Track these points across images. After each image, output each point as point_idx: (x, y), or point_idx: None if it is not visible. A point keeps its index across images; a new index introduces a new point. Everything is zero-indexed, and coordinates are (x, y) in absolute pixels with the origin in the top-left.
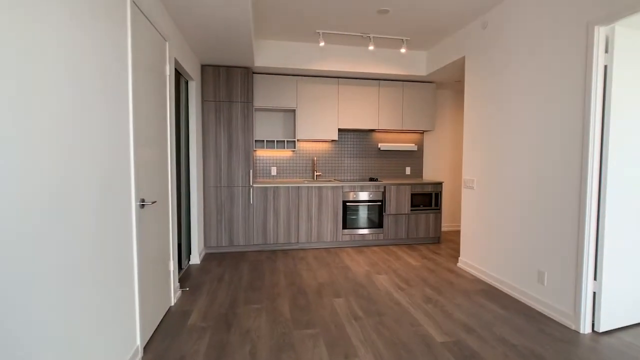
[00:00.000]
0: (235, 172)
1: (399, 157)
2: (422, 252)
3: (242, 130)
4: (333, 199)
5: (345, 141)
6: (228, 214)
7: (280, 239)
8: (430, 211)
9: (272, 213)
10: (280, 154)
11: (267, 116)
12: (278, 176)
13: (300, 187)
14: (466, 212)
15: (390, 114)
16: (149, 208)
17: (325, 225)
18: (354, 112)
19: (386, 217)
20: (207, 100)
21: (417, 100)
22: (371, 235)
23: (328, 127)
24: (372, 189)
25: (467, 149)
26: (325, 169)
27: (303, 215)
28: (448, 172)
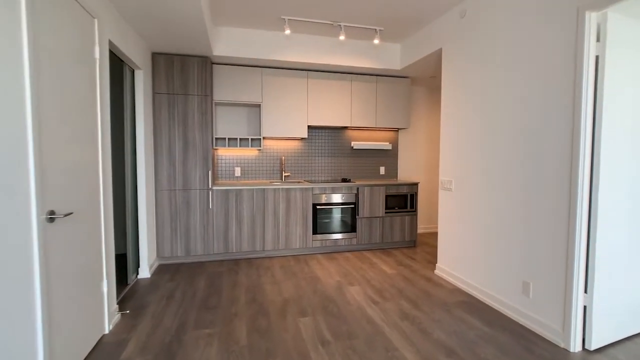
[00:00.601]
0: (192, 174)
1: (372, 157)
2: (398, 258)
3: (200, 126)
4: (302, 201)
5: (315, 139)
6: (184, 220)
7: (243, 247)
8: (406, 213)
9: (234, 218)
10: (244, 153)
11: (229, 111)
12: (243, 177)
13: (266, 190)
14: (443, 216)
15: (363, 111)
16: (65, 222)
17: (294, 230)
18: (324, 108)
19: (359, 220)
20: (159, 92)
21: (391, 96)
22: (344, 241)
23: (297, 123)
24: (344, 190)
25: (445, 148)
26: (295, 169)
27: (269, 220)
28: (423, 172)
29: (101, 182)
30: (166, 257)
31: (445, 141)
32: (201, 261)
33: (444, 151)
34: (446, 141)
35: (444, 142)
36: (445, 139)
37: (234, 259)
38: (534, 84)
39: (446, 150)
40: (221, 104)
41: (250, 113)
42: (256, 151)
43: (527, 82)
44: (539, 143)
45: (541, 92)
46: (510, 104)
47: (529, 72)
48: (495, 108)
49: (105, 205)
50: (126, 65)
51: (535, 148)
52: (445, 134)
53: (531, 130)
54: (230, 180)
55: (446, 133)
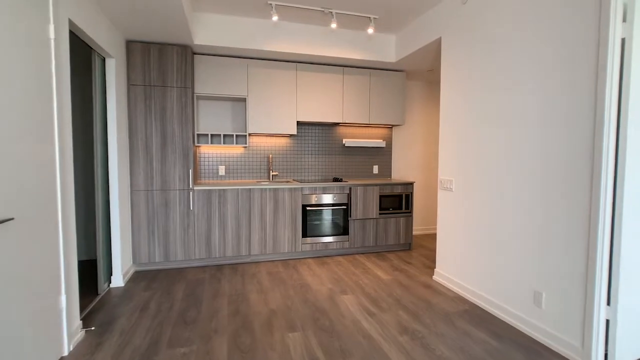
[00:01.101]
0: (170, 173)
1: (365, 155)
2: (393, 262)
3: (180, 121)
4: (291, 202)
5: (305, 136)
6: (162, 223)
7: (227, 252)
8: (401, 215)
9: (217, 221)
10: (229, 150)
11: (212, 106)
12: (227, 176)
13: (252, 190)
14: (443, 218)
15: (356, 106)
16: (3, 228)
17: (282, 233)
18: (315, 103)
19: (352, 222)
20: (135, 84)
21: (385, 91)
22: (335, 244)
23: (285, 119)
24: (336, 190)
25: (444, 144)
26: (283, 168)
27: (256, 222)
28: (419, 170)
29: (59, 183)
30: (143, 263)
31: (446, 137)
32: (181, 267)
33: (444, 148)
34: (446, 137)
35: (444, 138)
36: (445, 135)
37: (218, 264)
38: (550, 72)
39: (446, 147)
40: (203, 97)
41: (235, 108)
42: (242, 149)
43: (541, 70)
44: (555, 138)
45: (558, 81)
46: (521, 96)
47: (544, 59)
48: (504, 100)
49: (64, 208)
50: (95, 52)
51: (551, 143)
52: (445, 130)
53: (546, 123)
54: (213, 180)
55: (446, 129)
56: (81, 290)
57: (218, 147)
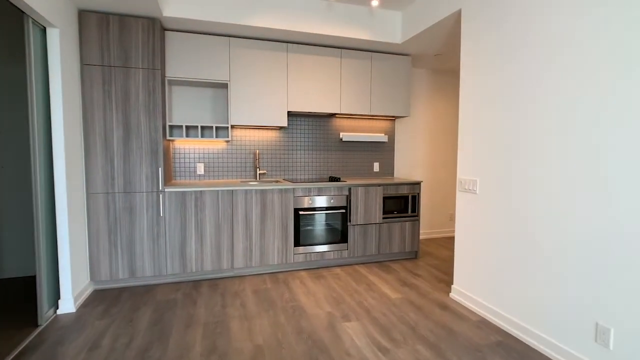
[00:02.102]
0: (136, 172)
1: (365, 150)
2: (400, 275)
3: (147, 109)
4: (282, 206)
5: (297, 129)
6: (127, 232)
7: (206, 266)
8: (407, 219)
9: (194, 229)
10: (209, 145)
11: (188, 93)
12: (207, 175)
13: (235, 191)
14: (463, 225)
15: (355, 95)
16: None
17: (270, 242)
18: (308, 91)
19: (352, 228)
20: (90, 63)
21: (389, 78)
22: (333, 253)
23: (274, 109)
24: (333, 191)
25: (465, 139)
26: (272, 166)
27: (239, 230)
28: (424, 168)
29: None
30: (103, 281)
31: (467, 131)
32: (151, 284)
33: (465, 143)
34: (467, 131)
35: (465, 132)
36: (467, 128)
37: (194, 280)
38: (613, 43)
39: (467, 142)
40: (177, 82)
41: (216, 95)
42: (223, 143)
43: (603, 41)
44: (623, 126)
45: (628, 51)
46: (578, 72)
47: (612, 28)
48: (550, 82)
49: None
50: (29, 18)
51: (618, 133)
52: (466, 122)
53: (610, 107)
54: (190, 180)
55: (467, 120)
56: (13, 320)
57: (195, 141)
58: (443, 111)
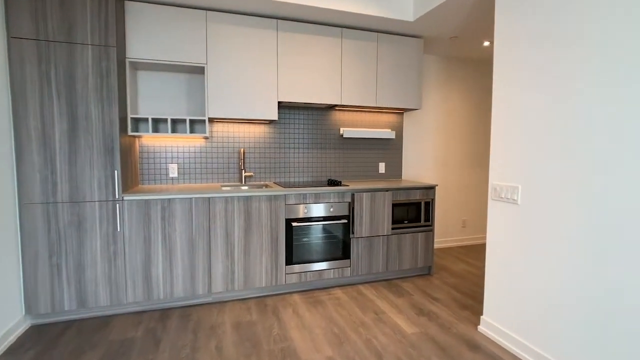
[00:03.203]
0: (85, 176)
1: (370, 149)
2: (414, 299)
3: (99, 97)
4: (270, 216)
5: (290, 123)
6: (74, 252)
7: (177, 291)
8: (419, 229)
9: (161, 246)
10: (184, 142)
11: (158, 79)
12: (181, 179)
13: (213, 199)
14: (497, 242)
15: (358, 83)
16: None
17: (257, 260)
18: (302, 77)
19: (355, 241)
20: (19, 36)
21: (398, 63)
22: (332, 272)
23: (261, 99)
24: (333, 198)
25: (501, 134)
26: (260, 167)
27: (219, 246)
28: (435, 169)
29: None
30: (43, 315)
31: (503, 126)
32: (107, 315)
33: (501, 141)
34: (504, 126)
35: (500, 127)
36: (503, 122)
37: (162, 308)
38: None
39: (504, 140)
40: (143, 65)
41: (191, 83)
42: (202, 140)
43: None
44: None
45: None
46: None
47: None
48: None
49: None
50: None
51: None
52: (502, 115)
53: None
54: (161, 185)
55: (503, 113)
56: None
57: (167, 137)
58: (457, 104)
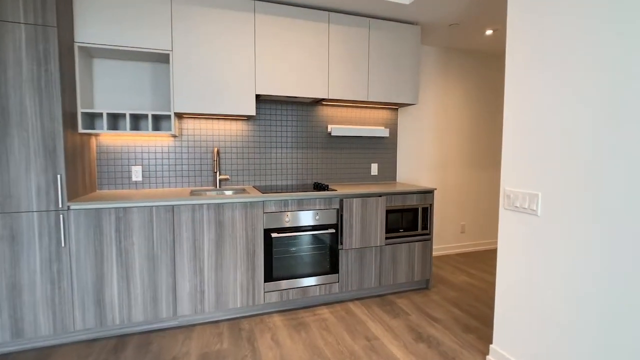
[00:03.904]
0: (20, 181)
1: (361, 148)
2: (411, 320)
3: (36, 88)
4: (246, 226)
5: (270, 119)
6: (6, 272)
7: (135, 315)
8: (416, 238)
9: (115, 263)
10: (149, 141)
11: (118, 68)
12: (146, 183)
13: (177, 207)
14: (511, 259)
15: (348, 74)
16: None
17: (230, 277)
18: (284, 68)
19: (344, 254)
20: None
21: (392, 53)
22: (318, 288)
23: (237, 92)
24: (319, 204)
25: (514, 132)
26: (237, 169)
27: (185, 261)
28: (431, 169)
29: None
30: None
31: (516, 121)
32: (50, 346)
33: (513, 140)
34: (517, 121)
35: (512, 123)
36: (515, 117)
37: (118, 335)
38: None
39: (520, 138)
40: (96, 50)
41: (156, 73)
42: (169, 139)
43: None
44: None
45: None
46: None
47: None
48: None
49: None
50: None
51: None
52: (516, 110)
53: None
54: (122, 190)
55: (519, 107)
56: None
57: (128, 136)
58: (456, 100)
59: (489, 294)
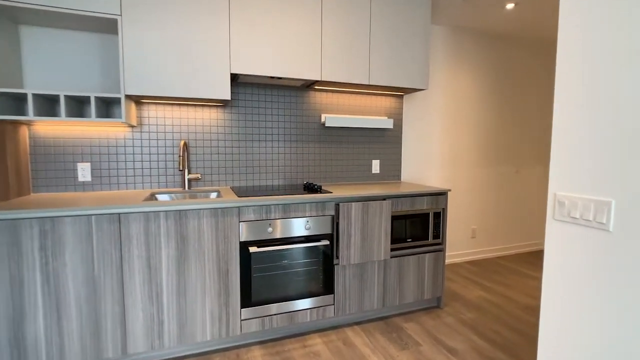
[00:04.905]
0: None
1: (360, 142)
2: (422, 353)
3: None
4: (217, 238)
5: (251, 107)
6: None
7: (70, 355)
8: (426, 249)
9: (40, 290)
10: (100, 131)
11: (54, 39)
12: (96, 184)
13: (126, 216)
14: (564, 288)
15: (345, 53)
16: None
17: (197, 303)
18: (267, 42)
19: (341, 270)
20: None
21: (398, 28)
22: (309, 313)
23: (207, 70)
24: (310, 210)
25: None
26: (211, 167)
27: (137, 285)
28: (439, 166)
29: None
30: None
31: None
32: None
33: (569, 129)
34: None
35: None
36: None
37: None
38: None
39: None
40: (19, 11)
41: (105, 45)
42: (125, 129)
43: None
44: None
45: None
46: None
47: None
48: None
49: None
50: None
51: None
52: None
53: None
54: (64, 194)
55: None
56: None
57: (73, 125)
58: (469, 87)
59: (512, 313)
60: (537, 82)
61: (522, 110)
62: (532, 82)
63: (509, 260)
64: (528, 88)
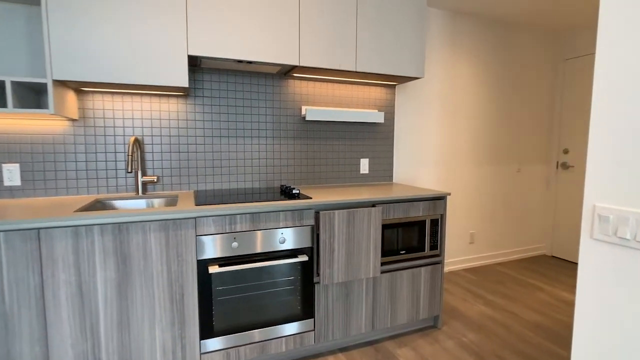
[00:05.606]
0: None
1: (346, 138)
2: None
3: None
4: (168, 256)
5: (217, 95)
6: None
7: None
8: (422, 262)
9: None
10: (33, 125)
11: None
12: (28, 189)
13: (48, 232)
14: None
15: (328, 34)
16: None
17: (145, 337)
18: (234, 17)
19: (323, 290)
20: None
21: (389, 8)
22: (284, 342)
23: (157, 50)
24: (285, 219)
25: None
26: (169, 167)
27: (65, 316)
28: (434, 165)
29: None
30: None
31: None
32: None
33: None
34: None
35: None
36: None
37: None
38: None
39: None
40: None
41: (32, 21)
42: (64, 123)
43: None
44: None
45: None
46: None
47: None
48: None
49: None
50: None
51: None
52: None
53: None
54: None
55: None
56: None
57: None
58: (468, 78)
59: (520, 334)
60: (545, 73)
61: (527, 102)
62: (539, 73)
63: (510, 268)
64: (535, 80)
